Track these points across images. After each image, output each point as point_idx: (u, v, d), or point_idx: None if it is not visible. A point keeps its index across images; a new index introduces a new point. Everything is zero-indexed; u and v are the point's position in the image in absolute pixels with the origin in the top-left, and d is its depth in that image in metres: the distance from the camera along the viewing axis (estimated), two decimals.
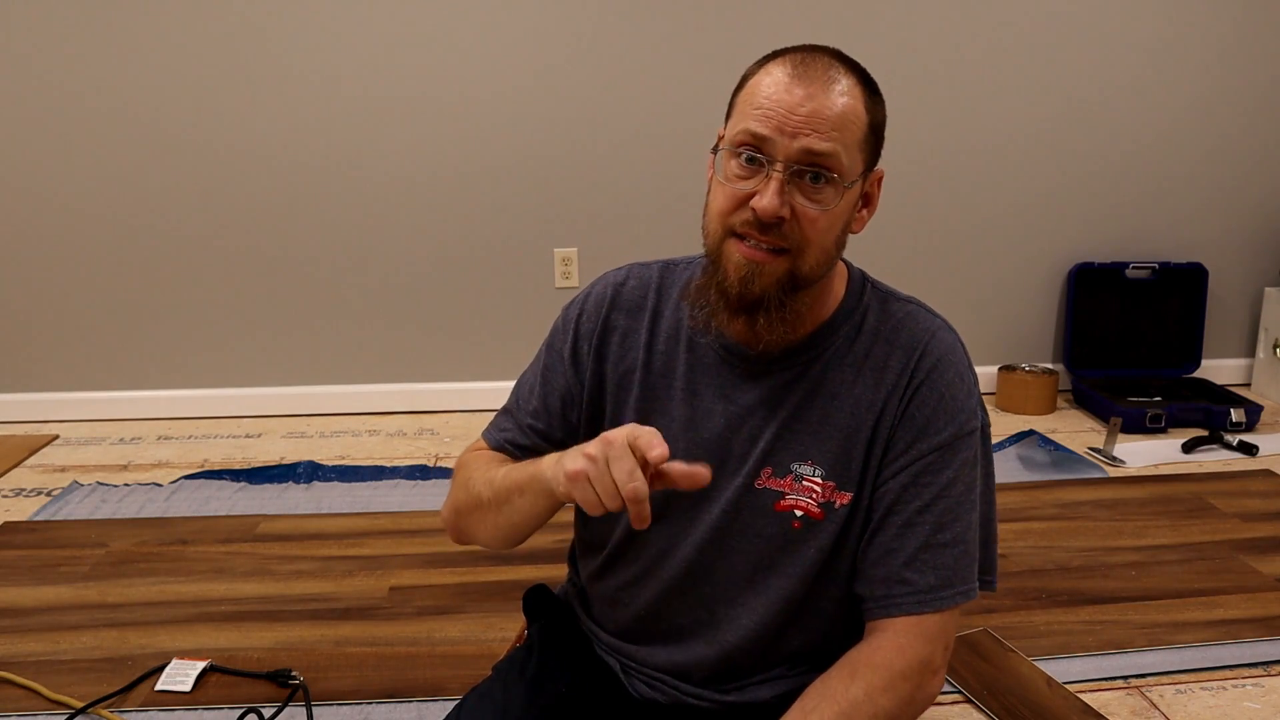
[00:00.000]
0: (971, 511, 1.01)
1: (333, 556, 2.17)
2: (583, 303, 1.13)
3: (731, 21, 2.95)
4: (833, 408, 1.02)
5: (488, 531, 1.07)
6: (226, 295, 3.04)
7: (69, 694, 1.67)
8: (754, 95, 0.94)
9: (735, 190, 0.95)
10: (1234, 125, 3.18)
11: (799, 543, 1.02)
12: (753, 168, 0.94)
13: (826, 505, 1.01)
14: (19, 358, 3.05)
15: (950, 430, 1.00)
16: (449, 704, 1.61)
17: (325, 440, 2.91)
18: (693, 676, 1.09)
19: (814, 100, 0.92)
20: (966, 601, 1.00)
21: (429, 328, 3.12)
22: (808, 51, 0.96)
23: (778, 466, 1.02)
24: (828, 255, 0.97)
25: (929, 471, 1.00)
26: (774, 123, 0.91)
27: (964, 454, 1.01)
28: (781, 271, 0.95)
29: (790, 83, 0.92)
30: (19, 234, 2.95)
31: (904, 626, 0.98)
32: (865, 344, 1.03)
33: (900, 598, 0.99)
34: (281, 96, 2.90)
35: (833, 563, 1.03)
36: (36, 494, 2.52)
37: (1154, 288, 3.25)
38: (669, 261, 1.13)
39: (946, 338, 1.05)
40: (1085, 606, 1.97)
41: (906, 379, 1.01)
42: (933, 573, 0.98)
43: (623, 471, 0.83)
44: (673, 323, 1.08)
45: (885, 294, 1.08)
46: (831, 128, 0.92)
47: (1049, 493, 2.51)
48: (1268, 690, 1.71)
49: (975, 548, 1.02)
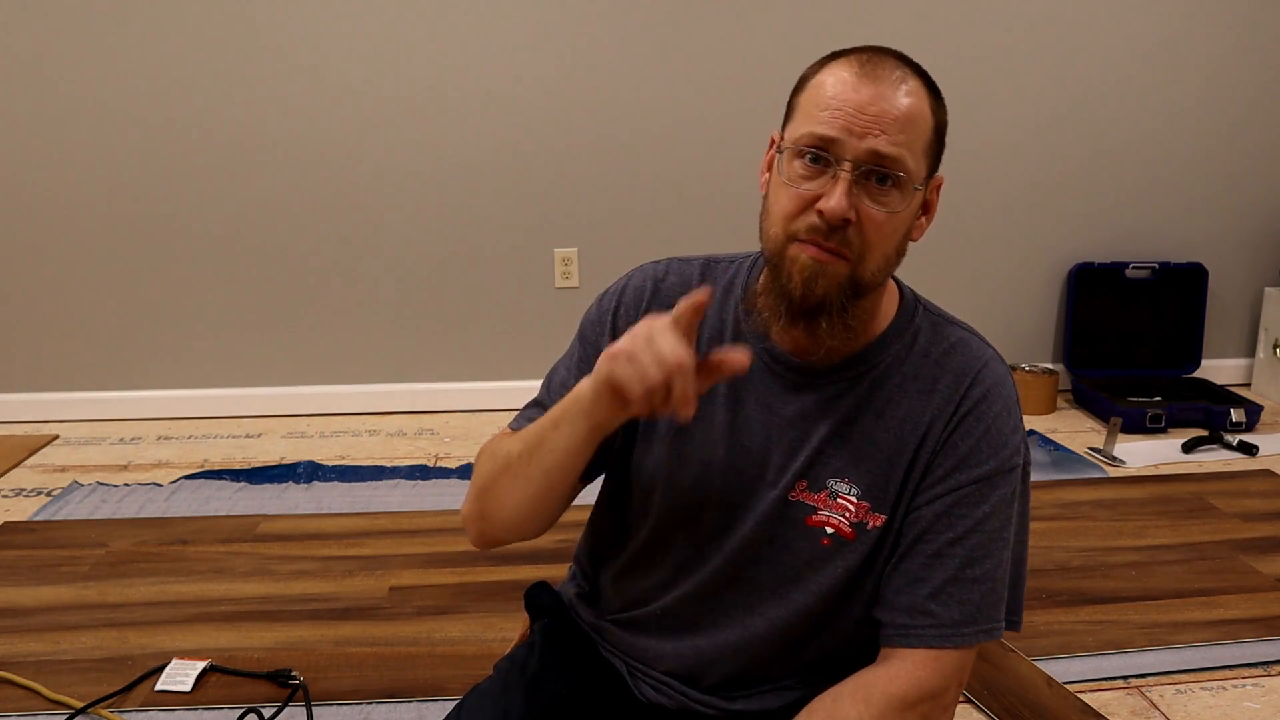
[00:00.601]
0: (1004, 549, 0.99)
1: (333, 556, 2.17)
2: (619, 294, 1.09)
3: (732, 22, 2.95)
4: (877, 427, 1.00)
5: (518, 496, 1.00)
6: (226, 295, 3.04)
7: (69, 694, 1.67)
8: (819, 95, 0.92)
9: (800, 192, 0.92)
10: (1234, 125, 3.18)
11: (826, 560, 1.01)
12: (818, 168, 0.91)
13: (859, 526, 1.00)
14: (19, 358, 3.05)
15: (993, 464, 0.98)
16: (449, 704, 1.61)
17: (325, 440, 2.91)
18: (701, 682, 1.08)
19: (882, 100, 0.90)
20: (989, 640, 0.98)
21: (429, 328, 3.12)
22: (873, 52, 0.94)
23: (814, 481, 1.00)
24: (889, 262, 0.95)
25: (965, 503, 0.97)
26: (841, 122, 0.90)
27: (1003, 490, 0.99)
28: (844, 275, 0.93)
29: (858, 82, 0.91)
30: (19, 234, 2.95)
31: (922, 659, 0.96)
32: (915, 364, 1.01)
33: (922, 629, 0.97)
34: (281, 96, 2.90)
35: (859, 582, 1.01)
36: (36, 494, 2.52)
37: (1154, 288, 3.25)
38: (709, 259, 1.10)
39: (999, 369, 1.03)
40: (1085, 606, 1.97)
41: (954, 406, 0.99)
42: (958, 607, 0.96)
43: (667, 343, 0.82)
44: (717, 324, 1.05)
45: (938, 317, 1.06)
46: (899, 129, 0.90)
47: (1049, 493, 2.51)
48: (1268, 690, 1.71)
49: (1004, 586, 1.00)
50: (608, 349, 0.86)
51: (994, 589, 0.98)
